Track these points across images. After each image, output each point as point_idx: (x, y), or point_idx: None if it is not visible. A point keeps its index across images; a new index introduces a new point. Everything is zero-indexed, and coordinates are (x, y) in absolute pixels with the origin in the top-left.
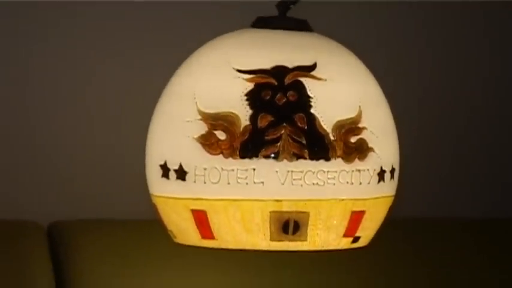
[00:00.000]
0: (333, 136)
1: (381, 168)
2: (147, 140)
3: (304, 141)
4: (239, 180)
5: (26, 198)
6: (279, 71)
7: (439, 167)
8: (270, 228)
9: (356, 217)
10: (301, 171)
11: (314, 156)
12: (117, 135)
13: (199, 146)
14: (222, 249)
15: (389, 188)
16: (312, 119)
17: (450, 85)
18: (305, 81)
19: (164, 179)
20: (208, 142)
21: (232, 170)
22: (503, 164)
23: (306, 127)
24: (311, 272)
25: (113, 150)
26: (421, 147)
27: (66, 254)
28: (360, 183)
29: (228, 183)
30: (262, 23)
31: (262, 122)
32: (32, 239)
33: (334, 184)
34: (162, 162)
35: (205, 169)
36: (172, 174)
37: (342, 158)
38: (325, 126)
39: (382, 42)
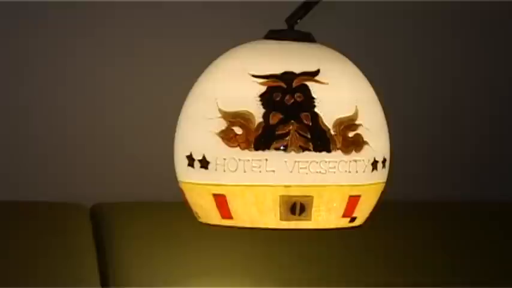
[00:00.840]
0: (334, 131)
1: (374, 159)
2: (175, 134)
3: (309, 136)
4: (253, 169)
5: (71, 181)
6: (288, 76)
7: (429, 155)
8: (279, 209)
9: (353, 200)
10: (307, 161)
11: (317, 149)
12: (150, 129)
13: (219, 139)
14: (239, 227)
15: (381, 175)
16: (315, 117)
17: (436, 84)
18: (310, 84)
19: (190, 168)
20: (227, 136)
21: (248, 160)
22: (487, 151)
23: (310, 124)
24: (314, 249)
25: (147, 142)
26: (412, 139)
27: (108, 233)
28: (356, 172)
29: (244, 171)
30: (274, 35)
31: (273, 119)
32: (76, 220)
33: (334, 172)
34: (188, 154)
35: (224, 159)
36: (197, 164)
37: (341, 150)
38: (326, 123)
39: (372, 51)
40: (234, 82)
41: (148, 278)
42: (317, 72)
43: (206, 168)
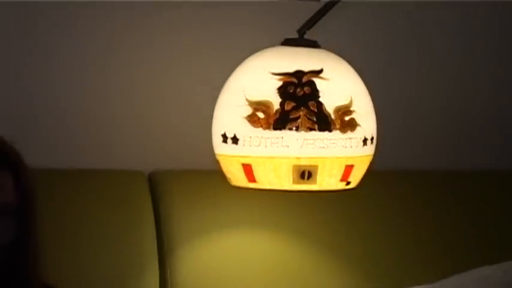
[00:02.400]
0: (334, 116)
1: (365, 137)
2: (213, 118)
3: (315, 119)
4: (272, 144)
5: (131, 150)
6: (299, 74)
7: (414, 128)
8: (292, 175)
9: (348, 168)
10: (313, 139)
11: (321, 129)
12: (196, 112)
13: (246, 122)
14: (261, 189)
15: (370, 149)
16: (320, 105)
17: (420, 79)
18: (315, 80)
19: (224, 144)
20: (252, 119)
21: (268, 138)
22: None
23: (316, 110)
24: (316, 208)
25: (194, 122)
26: (404, 119)
27: (163, 195)
28: (351, 147)
29: (265, 146)
30: (288, 42)
31: (288, 106)
32: (136, 185)
33: (334, 147)
34: (222, 133)
35: (250, 137)
36: (229, 141)
37: (339, 130)
38: (328, 110)
39: (364, 54)
40: (258, 78)
41: (195, 228)
42: (321, 71)
43: (236, 143)
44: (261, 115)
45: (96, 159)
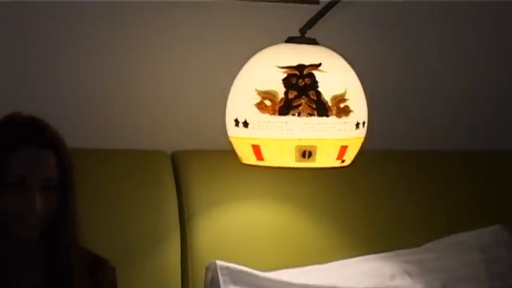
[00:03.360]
0: (330, 103)
1: (357, 121)
2: (226, 105)
3: (314, 106)
4: (278, 128)
5: (156, 133)
6: (300, 67)
7: (400, 114)
8: (295, 154)
9: (343, 149)
10: (313, 123)
11: (320, 115)
12: (213, 100)
13: (255, 108)
14: (268, 166)
15: (361, 132)
16: (318, 94)
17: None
18: (315, 72)
19: (236, 127)
20: (260, 106)
21: (274, 122)
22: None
23: (315, 98)
24: (315, 183)
25: (210, 108)
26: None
27: (184, 173)
28: (345, 130)
29: (272, 130)
30: (291, 40)
31: (291, 95)
32: (160, 163)
33: (331, 130)
34: (235, 118)
35: (259, 122)
36: (241, 125)
37: (335, 116)
38: (326, 98)
39: (356, 49)
40: (265, 71)
41: (211, 200)
42: (320, 65)
43: (247, 127)
44: (268, 103)
45: (126, 141)
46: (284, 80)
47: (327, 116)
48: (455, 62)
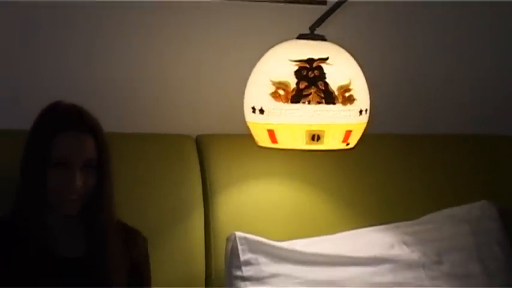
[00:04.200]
0: (337, 93)
1: (360, 109)
2: (244, 94)
3: (322, 95)
4: (290, 115)
5: (182, 118)
6: (310, 60)
7: (400, 102)
8: (305, 138)
9: (348, 133)
10: (321, 110)
11: (327, 103)
12: (232, 90)
13: (270, 97)
14: (281, 148)
15: (364, 118)
16: (326, 84)
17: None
18: (323, 65)
19: (253, 114)
20: (275, 95)
21: (287, 110)
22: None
23: (323, 88)
24: (322, 165)
25: (233, 97)
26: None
27: (207, 155)
28: (350, 116)
29: (285, 116)
30: (302, 36)
31: (302, 85)
32: (185, 146)
33: (337, 117)
34: (252, 106)
35: (273, 109)
36: (257, 112)
37: (341, 104)
38: (333, 88)
39: (360, 45)
40: (279, 64)
41: (231, 179)
42: (327, 58)
43: (262, 114)
44: (281, 92)
45: (156, 126)
46: (296, 72)
47: (334, 104)
48: (449, 54)
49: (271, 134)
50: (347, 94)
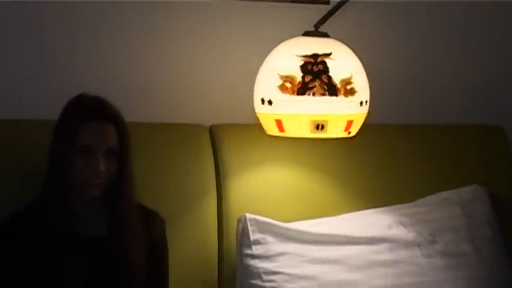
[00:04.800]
0: (339, 85)
1: (361, 100)
2: (254, 87)
3: (326, 88)
4: (296, 106)
5: (197, 108)
6: (315, 55)
7: (398, 95)
8: (310, 127)
9: (349, 122)
10: (325, 101)
11: (331, 95)
12: (243, 83)
13: (278, 90)
14: (288, 137)
15: (365, 109)
16: (329, 78)
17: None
18: (326, 60)
19: (262, 105)
20: (282, 88)
21: (294, 101)
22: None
23: (327, 81)
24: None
25: (243, 89)
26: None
27: (220, 142)
28: (351, 107)
29: (292, 107)
30: (307, 33)
31: (307, 79)
32: (200, 135)
33: (339, 108)
34: (261, 98)
35: (281, 100)
36: (266, 103)
37: (343, 95)
38: (335, 81)
39: (361, 41)
40: (286, 59)
41: (242, 164)
42: (330, 54)
43: (271, 105)
44: (288, 85)
45: (172, 116)
46: (301, 66)
47: (336, 95)
48: (443, 49)
49: (278, 123)
50: (349, 87)
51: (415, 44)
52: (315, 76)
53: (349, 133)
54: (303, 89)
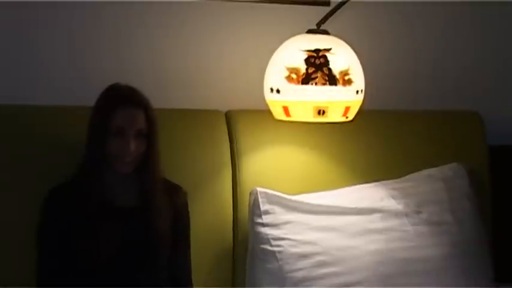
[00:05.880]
0: (338, 76)
1: (357, 89)
2: (264, 78)
3: (326, 78)
4: (301, 94)
5: (214, 96)
6: (317, 50)
7: (389, 84)
8: (313, 112)
9: (347, 108)
10: (326, 90)
11: (331, 84)
12: (255, 74)
13: (285, 80)
14: (293, 121)
15: (360, 97)
16: (329, 70)
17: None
18: (327, 54)
19: (271, 93)
20: (288, 79)
21: (299, 90)
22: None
23: (327, 73)
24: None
25: (255, 79)
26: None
27: (235, 126)
28: (349, 95)
29: (297, 95)
30: (310, 31)
31: (310, 70)
32: (216, 120)
33: (338, 95)
34: (270, 87)
35: (287, 89)
36: (274, 92)
37: (341, 85)
38: (335, 72)
39: (357, 38)
40: (292, 53)
41: (254, 145)
42: (330, 49)
43: (279, 93)
44: (294, 76)
45: (193, 102)
46: (305, 59)
47: (336, 85)
48: (428, 43)
49: (285, 109)
50: (346, 77)
51: (404, 40)
52: (317, 68)
53: (347, 118)
54: (306, 79)
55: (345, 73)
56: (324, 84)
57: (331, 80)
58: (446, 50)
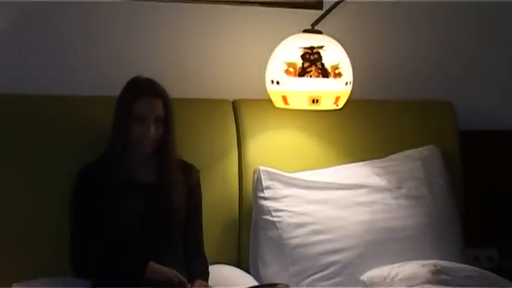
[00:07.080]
0: (330, 70)
1: (346, 81)
2: (266, 71)
3: (320, 72)
4: (298, 85)
5: (222, 86)
6: (311, 47)
7: (376, 76)
8: (308, 101)
9: (337, 98)
10: (319, 82)
11: (323, 77)
12: (258, 67)
13: (284, 73)
14: (291, 109)
15: (349, 88)
16: (322, 64)
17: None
18: (320, 51)
19: (272, 85)
20: (287, 72)
21: (295, 82)
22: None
23: (321, 67)
24: (321, 121)
25: (256, 73)
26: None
27: (241, 114)
28: (339, 86)
29: (294, 86)
30: (306, 31)
31: (306, 65)
32: (224, 108)
33: (330, 86)
34: (271, 79)
35: (286, 81)
36: (275, 83)
37: (333, 77)
38: (327, 67)
39: (347, 37)
40: (290, 50)
41: (258, 129)
42: (323, 46)
43: (278, 84)
44: (291, 70)
45: (202, 92)
46: (301, 55)
47: (328, 77)
48: (412, 40)
49: (284, 98)
50: (337, 71)
51: (388, 38)
52: (311, 63)
53: (337, 106)
54: (302, 73)
55: (335, 67)
56: (318, 76)
57: (324, 73)
58: (426, 48)
